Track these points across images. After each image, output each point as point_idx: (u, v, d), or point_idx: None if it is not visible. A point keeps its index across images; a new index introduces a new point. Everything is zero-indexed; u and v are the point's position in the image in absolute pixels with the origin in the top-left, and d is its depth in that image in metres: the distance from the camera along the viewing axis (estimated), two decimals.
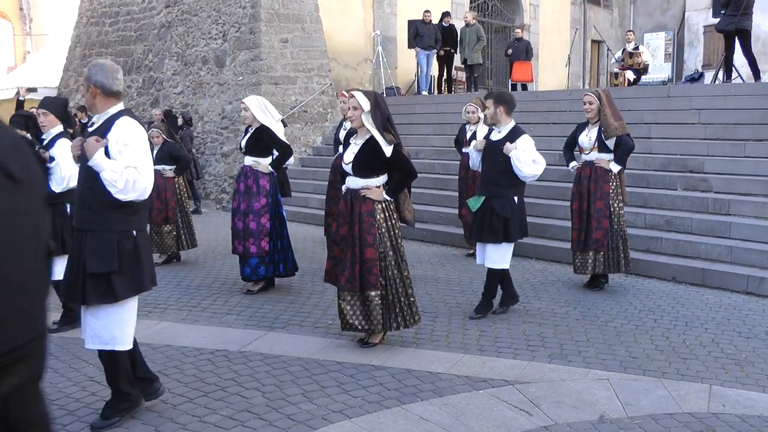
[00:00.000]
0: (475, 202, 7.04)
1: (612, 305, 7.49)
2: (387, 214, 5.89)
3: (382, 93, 17.91)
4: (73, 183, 6.15)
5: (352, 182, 5.92)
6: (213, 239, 11.62)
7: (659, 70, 22.93)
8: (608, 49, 22.49)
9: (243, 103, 7.91)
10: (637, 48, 17.56)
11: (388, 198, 5.89)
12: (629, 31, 19.21)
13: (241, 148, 8.09)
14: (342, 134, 8.52)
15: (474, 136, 9.40)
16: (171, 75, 17.55)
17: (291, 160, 8.34)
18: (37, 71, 22.67)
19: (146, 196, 4.46)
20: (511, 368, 5.67)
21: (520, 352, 6.09)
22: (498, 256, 7.00)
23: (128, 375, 4.70)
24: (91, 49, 20.25)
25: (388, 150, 5.73)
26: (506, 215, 6.83)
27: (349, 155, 5.91)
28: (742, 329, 6.70)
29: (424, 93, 17.94)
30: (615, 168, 7.76)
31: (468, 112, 9.63)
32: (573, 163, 8.15)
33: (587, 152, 7.90)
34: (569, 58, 21.52)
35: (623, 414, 4.82)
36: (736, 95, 11.72)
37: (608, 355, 6.01)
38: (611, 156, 7.77)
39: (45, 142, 6.47)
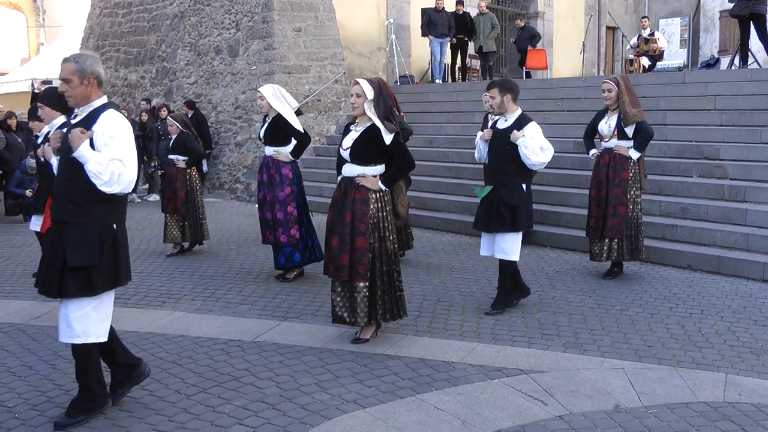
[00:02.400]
0: (481, 191, 6.91)
1: (627, 293, 7.45)
2: (380, 205, 5.79)
3: (396, 82, 17.87)
4: None
5: (349, 169, 5.83)
6: (227, 229, 11.64)
7: (674, 56, 22.71)
8: (623, 36, 22.34)
9: (258, 91, 7.90)
10: (652, 34, 17.42)
11: (384, 188, 5.80)
12: (644, 17, 19.06)
13: (260, 139, 8.08)
14: None
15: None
16: (184, 65, 17.55)
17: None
18: (51, 63, 22.67)
19: (130, 189, 4.48)
20: (525, 357, 5.66)
21: (535, 341, 6.07)
22: (507, 246, 6.74)
23: (99, 374, 4.66)
24: (104, 40, 20.28)
25: (388, 138, 5.69)
26: (514, 203, 6.62)
27: (348, 141, 5.83)
28: (758, 317, 6.65)
29: (438, 81, 17.87)
30: (634, 155, 7.79)
31: (486, 102, 9.59)
32: (593, 151, 8.18)
33: (607, 139, 7.95)
34: (584, 44, 21.40)
35: (638, 403, 4.80)
36: (753, 81, 11.60)
37: (623, 344, 5.98)
38: (630, 143, 7.80)
39: (50, 134, 6.52)
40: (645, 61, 17.08)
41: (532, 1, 23.44)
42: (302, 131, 7.89)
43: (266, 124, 7.93)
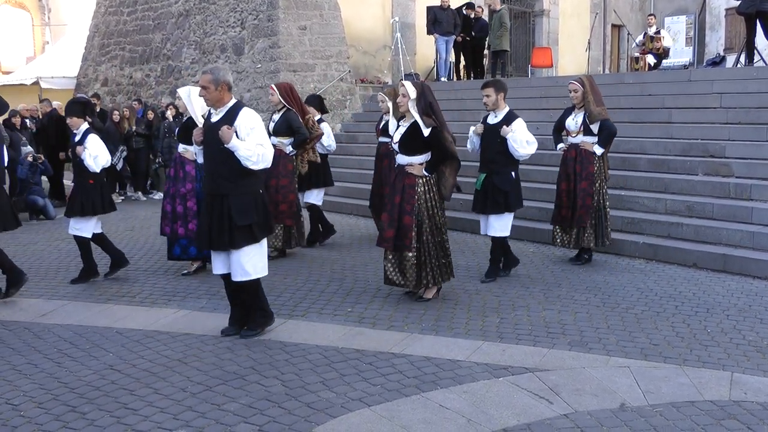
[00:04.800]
0: (477, 181, 7.91)
1: (632, 291, 7.44)
2: (427, 188, 6.87)
3: (401, 80, 17.82)
4: None
5: (399, 159, 7.00)
6: None
7: (680, 54, 22.65)
8: (628, 34, 22.25)
9: (177, 92, 8.26)
10: (657, 32, 17.37)
11: (427, 174, 6.85)
12: (650, 15, 19.01)
13: (175, 137, 8.81)
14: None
15: (386, 125, 9.57)
16: (189, 63, 17.57)
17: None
18: (56, 61, 22.74)
19: (269, 165, 5.91)
20: (531, 355, 5.65)
21: (540, 339, 6.06)
22: (500, 225, 7.85)
23: (265, 298, 6.20)
24: (110, 38, 20.32)
25: (426, 131, 6.65)
26: (506, 189, 7.72)
27: (397, 136, 6.98)
28: (764, 316, 6.62)
29: (443, 79, 17.83)
30: (598, 151, 8.36)
31: (379, 101, 9.87)
32: (560, 145, 8.73)
33: (574, 135, 8.53)
34: (589, 42, 21.32)
35: (644, 402, 4.79)
36: (758, 79, 11.53)
37: (629, 342, 5.97)
38: (595, 139, 8.31)
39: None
40: (650, 59, 17.04)
41: None
42: None
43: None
